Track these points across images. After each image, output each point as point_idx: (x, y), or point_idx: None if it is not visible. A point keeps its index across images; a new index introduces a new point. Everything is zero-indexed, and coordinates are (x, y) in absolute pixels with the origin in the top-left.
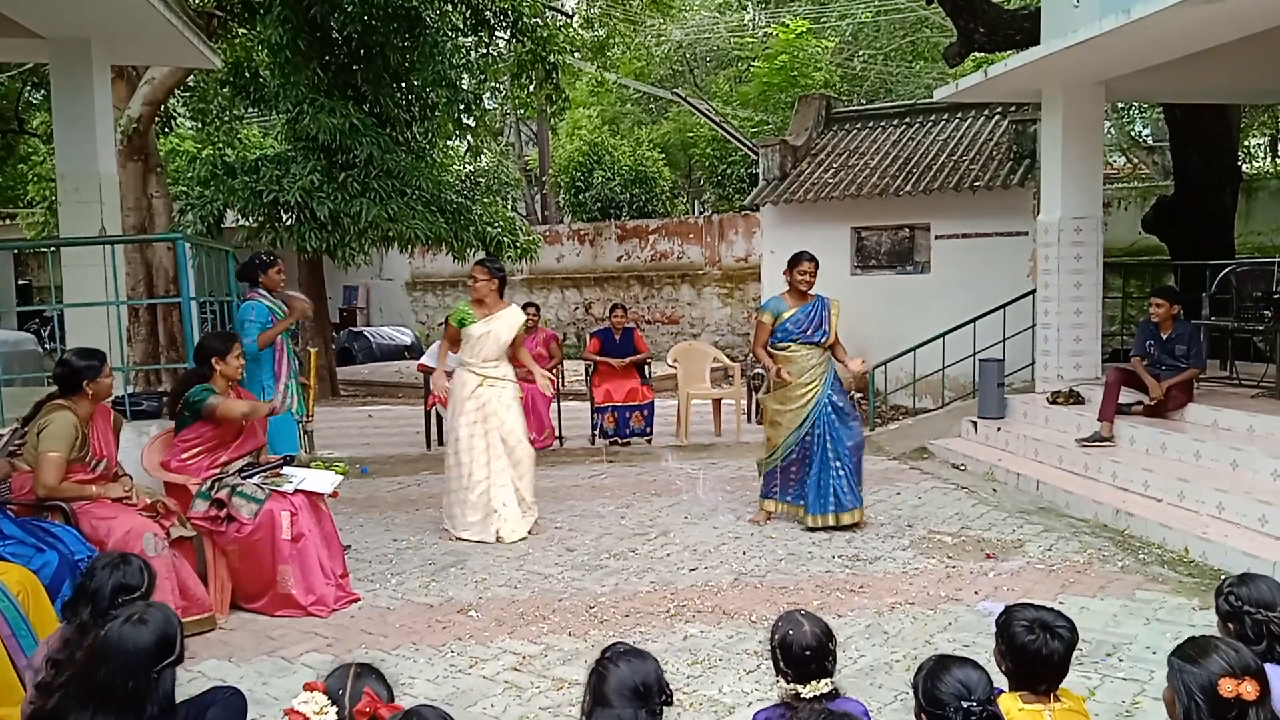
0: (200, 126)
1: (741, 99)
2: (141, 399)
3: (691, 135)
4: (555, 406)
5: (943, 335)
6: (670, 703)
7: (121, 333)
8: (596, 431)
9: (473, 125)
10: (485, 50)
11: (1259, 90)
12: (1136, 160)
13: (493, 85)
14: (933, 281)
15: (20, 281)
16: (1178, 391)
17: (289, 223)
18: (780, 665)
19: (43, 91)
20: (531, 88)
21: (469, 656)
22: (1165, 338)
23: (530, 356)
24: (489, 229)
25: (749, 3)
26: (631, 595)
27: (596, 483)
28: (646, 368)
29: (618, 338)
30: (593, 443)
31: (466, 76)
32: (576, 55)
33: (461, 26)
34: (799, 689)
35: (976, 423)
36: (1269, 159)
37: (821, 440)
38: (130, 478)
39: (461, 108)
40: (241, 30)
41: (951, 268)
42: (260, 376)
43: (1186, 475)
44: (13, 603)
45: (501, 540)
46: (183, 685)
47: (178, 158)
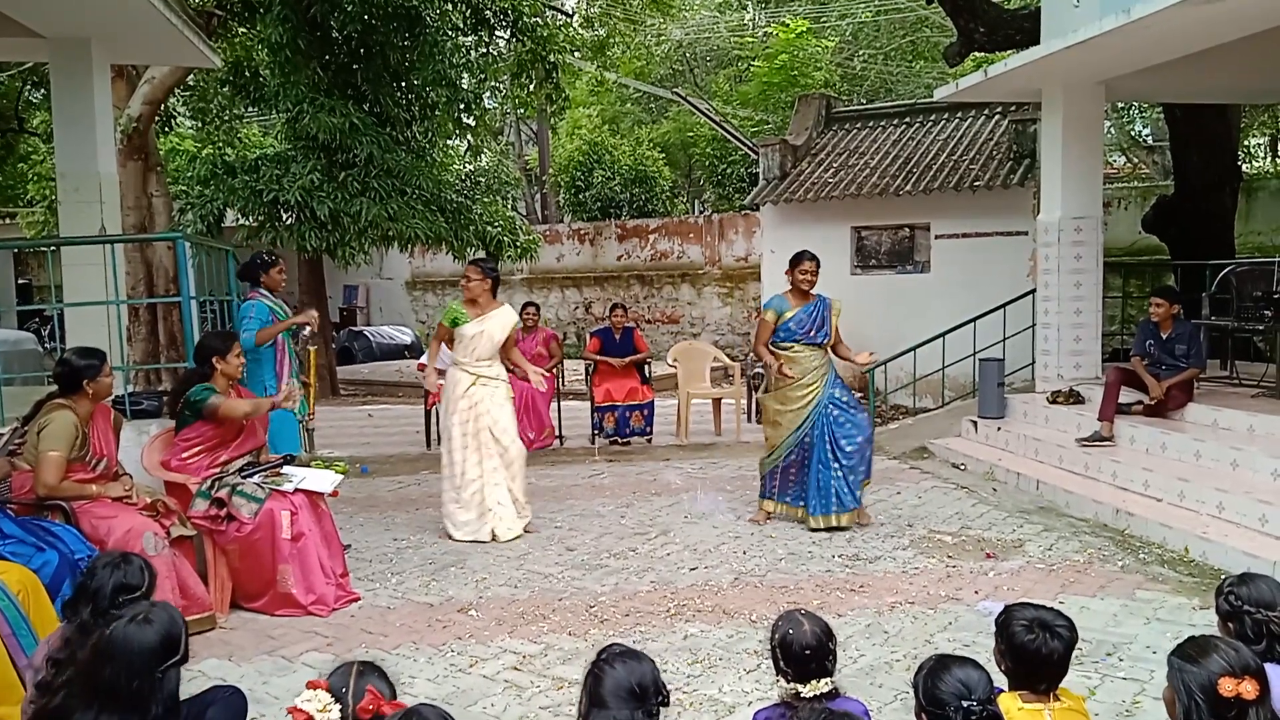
0: (200, 126)
1: (741, 98)
2: (142, 398)
3: (691, 135)
4: (555, 406)
5: (943, 335)
6: (667, 703)
7: (121, 332)
8: (596, 431)
9: (473, 125)
10: (485, 50)
11: (1259, 90)
12: (1136, 160)
13: (493, 85)
14: (933, 281)
15: (20, 281)
16: (1178, 391)
17: (289, 222)
18: (780, 664)
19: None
20: (531, 87)
21: (469, 656)
22: (1165, 337)
23: (521, 355)
24: (489, 228)
25: (749, 2)
26: (632, 595)
27: (596, 482)
28: (646, 367)
29: (618, 337)
30: (593, 442)
31: (466, 76)
32: (576, 55)
33: (461, 26)
34: (799, 688)
35: (976, 422)
36: (1269, 159)
37: (822, 440)
38: (130, 477)
39: (461, 107)
40: (241, 29)
41: (952, 267)
42: (262, 375)
43: (1187, 475)
44: (13, 602)
45: (497, 539)
46: (183, 684)
47: (178, 157)
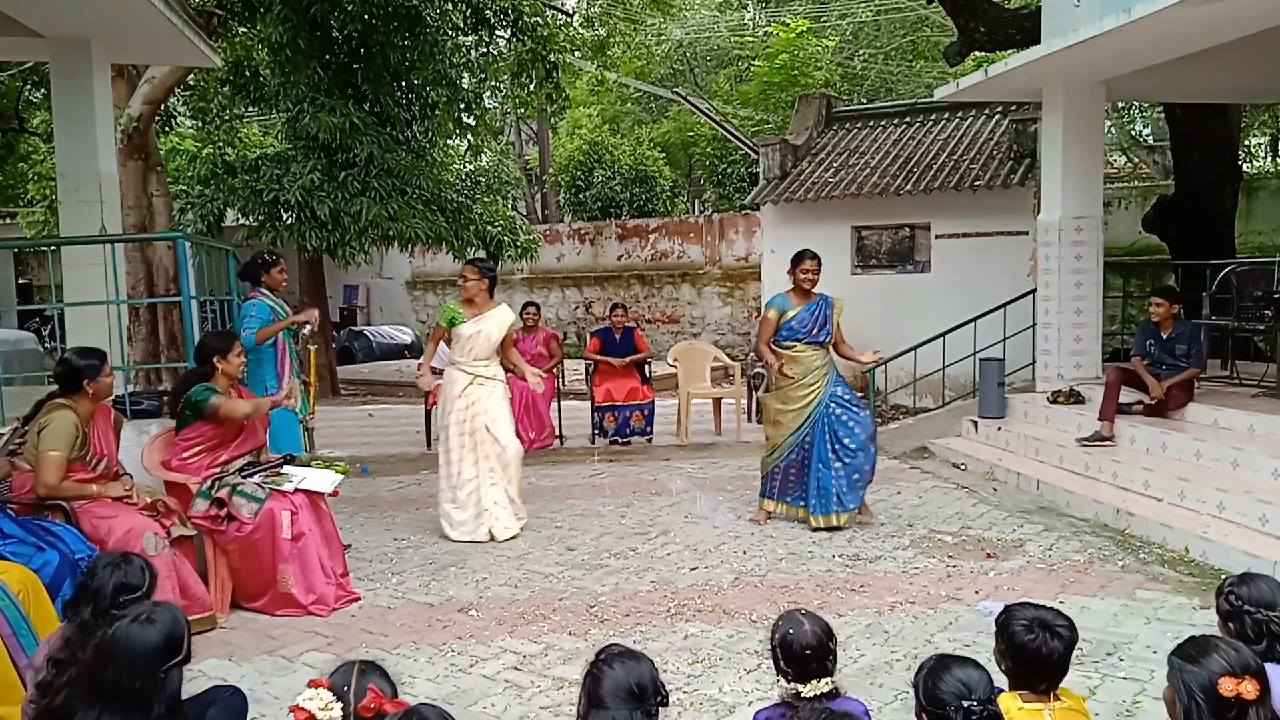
0: (200, 125)
1: (742, 98)
2: (142, 398)
3: (692, 134)
4: (555, 406)
5: (943, 335)
6: (666, 703)
7: (122, 332)
8: (597, 431)
9: (473, 124)
10: (485, 49)
11: (1259, 90)
12: (1137, 160)
13: (493, 84)
14: (933, 281)
15: (20, 280)
16: (1178, 391)
17: (289, 221)
18: (781, 664)
19: (43, 90)
20: (532, 87)
21: (469, 656)
22: (1165, 337)
23: (519, 355)
24: (489, 228)
25: (749, 2)
26: (632, 594)
27: (597, 482)
28: (647, 367)
29: (618, 337)
30: (593, 442)
31: (467, 75)
32: (577, 54)
33: (462, 25)
34: (799, 688)
35: (977, 422)
36: (1269, 158)
37: (823, 439)
38: (131, 477)
39: (462, 107)
40: (242, 29)
41: (952, 267)
42: (263, 375)
43: (1187, 475)
44: (13, 602)
45: (494, 539)
46: (183, 684)
47: (178, 156)
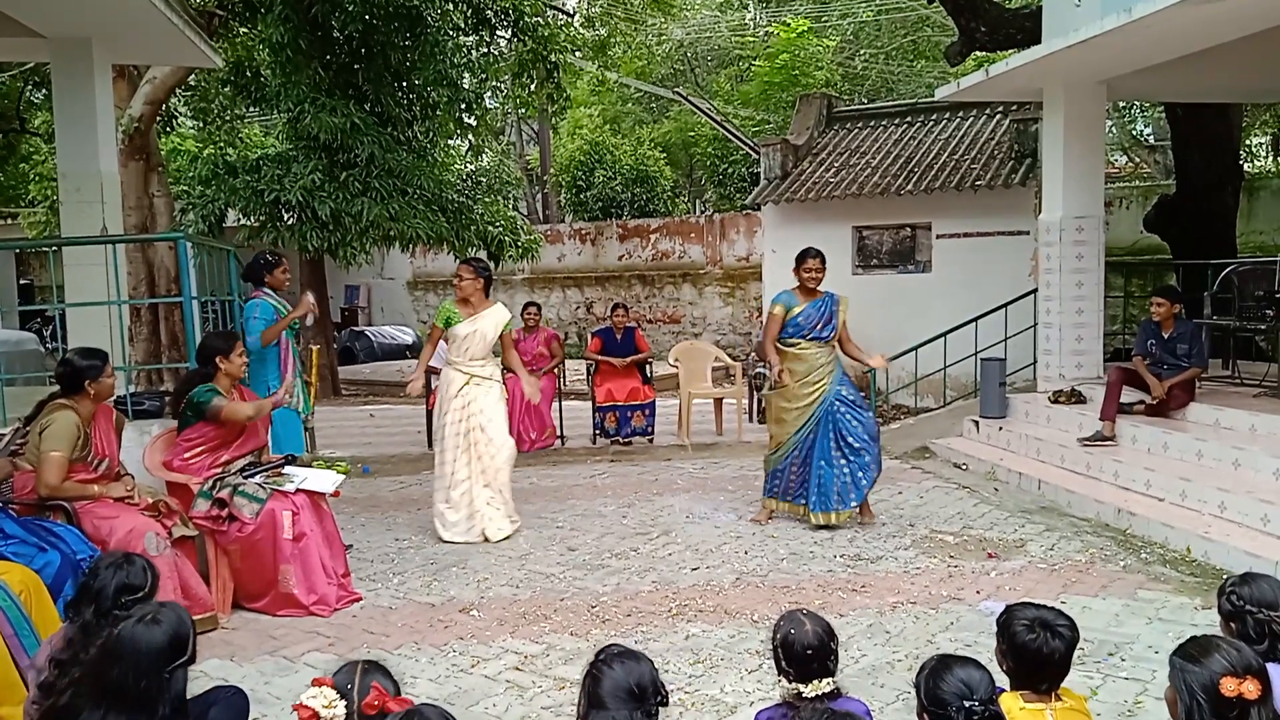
0: (202, 126)
1: (743, 98)
2: (143, 398)
3: (693, 134)
4: (557, 406)
5: (944, 334)
6: (666, 703)
7: (123, 332)
8: (598, 431)
9: (474, 124)
10: (486, 49)
11: (1260, 89)
12: (1138, 159)
13: (494, 84)
14: (934, 281)
15: (22, 281)
16: (1179, 391)
17: (290, 222)
18: (782, 664)
19: (44, 91)
20: (533, 87)
21: (471, 656)
22: (1167, 337)
23: (520, 362)
24: (490, 228)
25: (750, 2)
26: (633, 595)
27: (598, 482)
28: (648, 367)
29: (619, 337)
30: (594, 442)
31: (468, 76)
32: (577, 54)
33: (463, 26)
34: (801, 688)
35: (978, 422)
36: (1270, 158)
37: (826, 437)
38: (132, 477)
39: (463, 107)
40: (243, 29)
41: (953, 267)
42: (266, 375)
43: (1188, 474)
44: (15, 602)
45: (488, 540)
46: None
47: (179, 157)
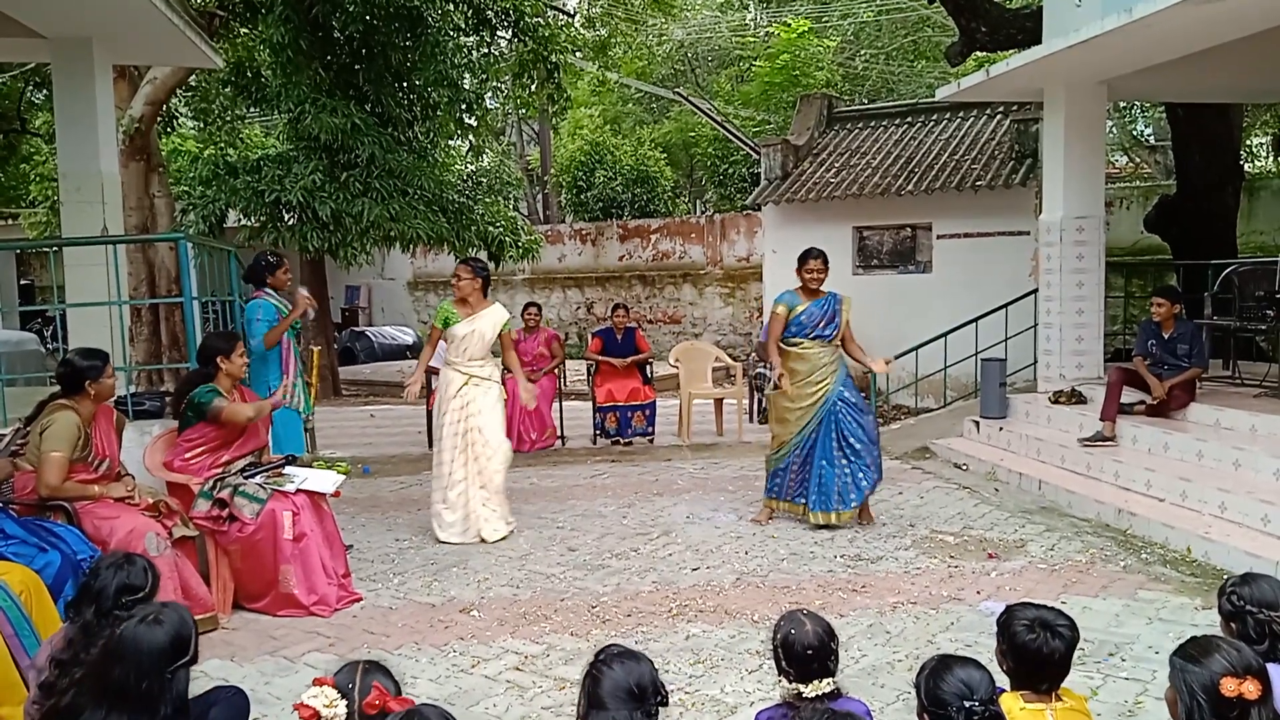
0: (202, 126)
1: (743, 98)
2: (144, 399)
3: (693, 135)
4: (557, 406)
5: (945, 335)
6: (666, 703)
7: (124, 332)
8: (598, 431)
9: (474, 125)
10: (487, 50)
11: (1261, 89)
12: (1138, 159)
13: (494, 85)
14: (934, 281)
15: (22, 281)
16: (1180, 391)
17: (291, 222)
18: (782, 665)
19: (45, 91)
20: (533, 87)
21: (471, 656)
22: (1167, 337)
23: (518, 364)
24: (491, 228)
25: (750, 2)
26: (634, 595)
27: (598, 482)
28: (648, 367)
29: (619, 337)
30: (594, 442)
31: (468, 76)
32: (578, 55)
33: (463, 26)
34: (801, 688)
35: (979, 422)
36: (1271, 158)
37: (828, 437)
38: (133, 477)
39: (463, 107)
40: (243, 30)
41: (953, 267)
42: (267, 376)
43: (1189, 475)
44: (15, 602)
45: (484, 541)
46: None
47: (180, 157)
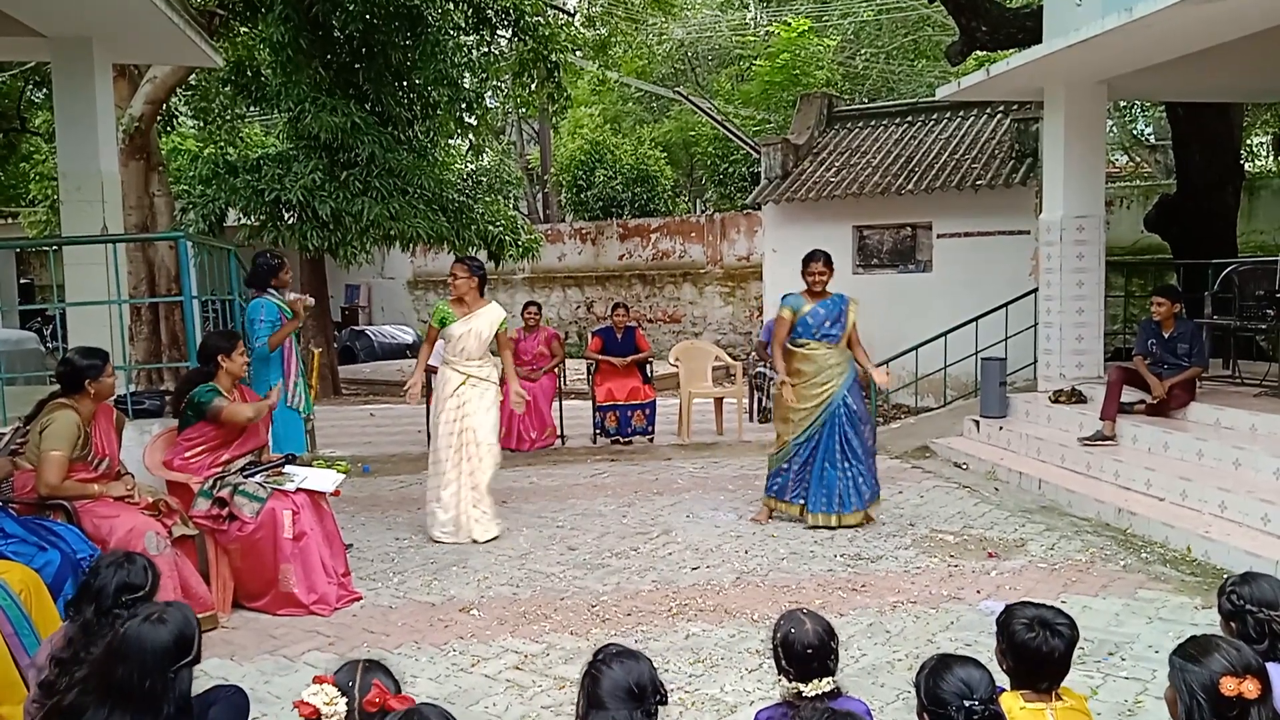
0: (202, 125)
1: (743, 97)
2: (144, 398)
3: (693, 134)
4: (557, 405)
5: (945, 334)
6: (665, 702)
7: (124, 331)
8: (598, 430)
9: (474, 124)
10: (487, 49)
11: (1261, 89)
12: (1139, 159)
13: (494, 84)
14: (935, 280)
15: (22, 280)
16: (1180, 390)
17: (291, 221)
18: (782, 664)
19: (44, 90)
20: (533, 86)
21: (471, 655)
22: (1167, 336)
23: (513, 366)
24: (491, 228)
25: (750, 1)
26: (633, 594)
27: (598, 481)
28: (648, 366)
29: (619, 336)
30: (594, 442)
31: (468, 75)
32: (578, 54)
33: (463, 25)
34: (801, 687)
35: (979, 421)
36: (1271, 158)
37: (831, 439)
38: (132, 476)
39: (463, 106)
40: (243, 29)
41: (953, 266)
42: (268, 375)
43: (1189, 474)
44: (15, 601)
45: (476, 541)
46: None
47: (179, 156)
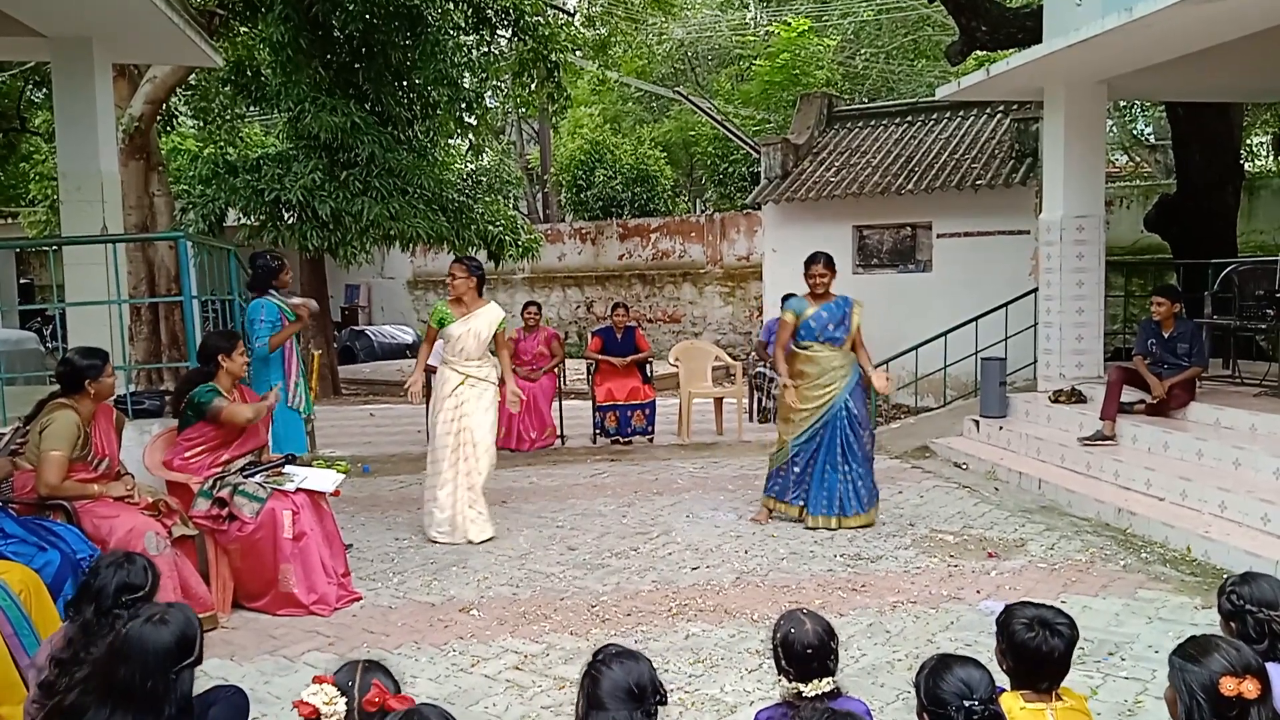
0: (202, 125)
1: (743, 97)
2: (144, 398)
3: (693, 134)
4: (557, 405)
5: (944, 334)
6: (665, 702)
7: (123, 331)
8: (598, 430)
9: (474, 124)
10: (487, 49)
11: (1261, 89)
12: (1139, 158)
13: (494, 84)
14: (935, 280)
15: (22, 280)
16: (1180, 390)
17: (290, 221)
18: (782, 664)
19: (44, 90)
20: (533, 86)
21: (471, 655)
22: (1167, 336)
23: (509, 366)
24: (490, 227)
25: (750, 1)
26: (633, 594)
27: (598, 481)
28: (648, 366)
29: (619, 336)
30: (594, 442)
31: (468, 75)
32: (578, 54)
33: (463, 25)
34: (801, 688)
35: (978, 421)
36: (1271, 157)
37: (833, 442)
38: (132, 476)
39: (463, 106)
40: (243, 29)
41: (953, 266)
42: (269, 376)
43: (1189, 474)
44: (15, 601)
45: (471, 542)
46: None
47: (179, 156)
